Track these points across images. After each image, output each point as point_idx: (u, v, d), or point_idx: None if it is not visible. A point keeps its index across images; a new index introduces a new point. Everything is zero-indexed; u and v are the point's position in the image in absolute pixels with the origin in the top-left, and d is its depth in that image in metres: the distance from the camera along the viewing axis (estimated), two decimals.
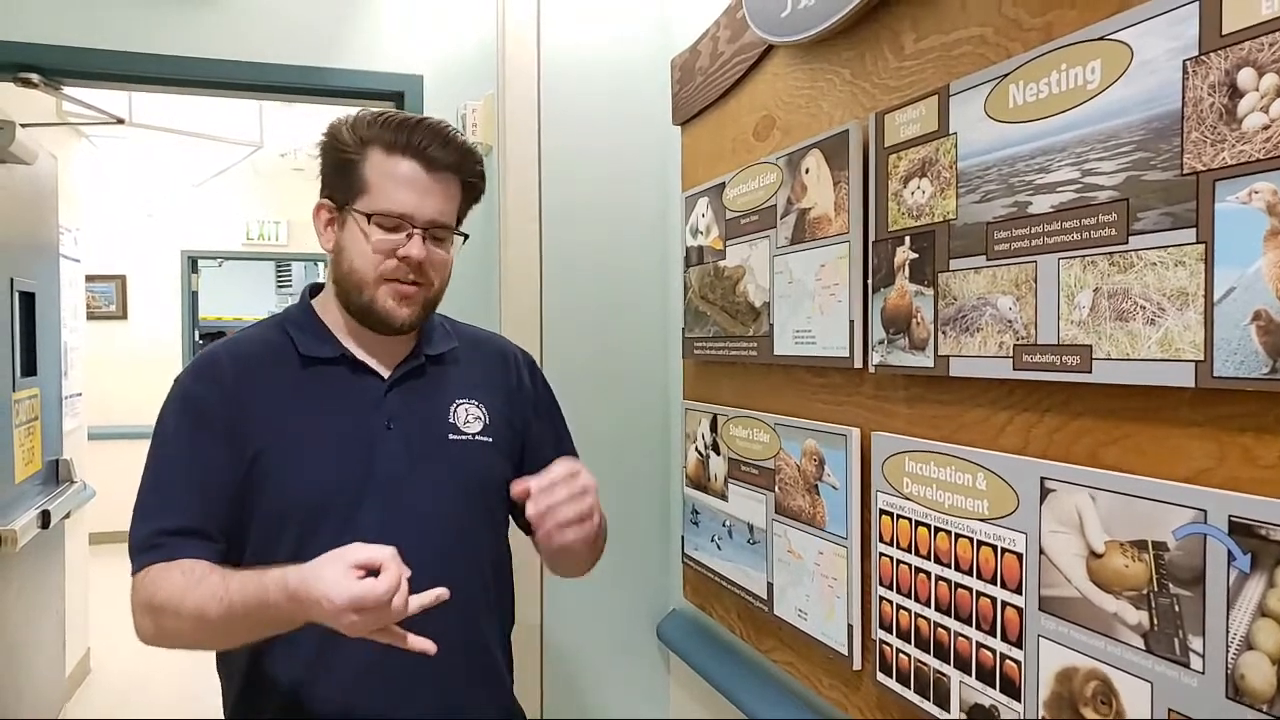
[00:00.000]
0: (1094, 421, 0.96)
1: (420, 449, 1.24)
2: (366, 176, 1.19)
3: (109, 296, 6.59)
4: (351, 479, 1.19)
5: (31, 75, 2.35)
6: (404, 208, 1.18)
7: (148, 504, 1.18)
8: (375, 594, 0.96)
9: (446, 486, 1.26)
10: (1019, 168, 1.01)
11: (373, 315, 1.21)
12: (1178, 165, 0.83)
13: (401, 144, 1.19)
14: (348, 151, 1.21)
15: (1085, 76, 0.93)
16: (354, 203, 1.20)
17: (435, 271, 1.23)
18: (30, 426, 2.81)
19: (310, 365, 1.24)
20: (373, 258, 1.19)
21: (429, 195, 1.20)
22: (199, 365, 1.26)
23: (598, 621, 2.20)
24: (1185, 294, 0.83)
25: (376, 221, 1.19)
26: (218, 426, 1.18)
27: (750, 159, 1.66)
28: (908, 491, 1.22)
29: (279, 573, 1.03)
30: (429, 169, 1.20)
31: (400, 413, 1.24)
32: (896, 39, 1.28)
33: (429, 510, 1.23)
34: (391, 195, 1.19)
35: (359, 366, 1.25)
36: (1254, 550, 0.77)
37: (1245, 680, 0.78)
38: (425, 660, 1.18)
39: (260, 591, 1.04)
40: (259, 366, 1.24)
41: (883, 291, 1.25)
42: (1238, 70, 0.78)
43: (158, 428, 1.21)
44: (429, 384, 1.29)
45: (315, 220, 1.26)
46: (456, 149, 1.22)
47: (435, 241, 1.22)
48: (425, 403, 1.28)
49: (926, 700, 1.19)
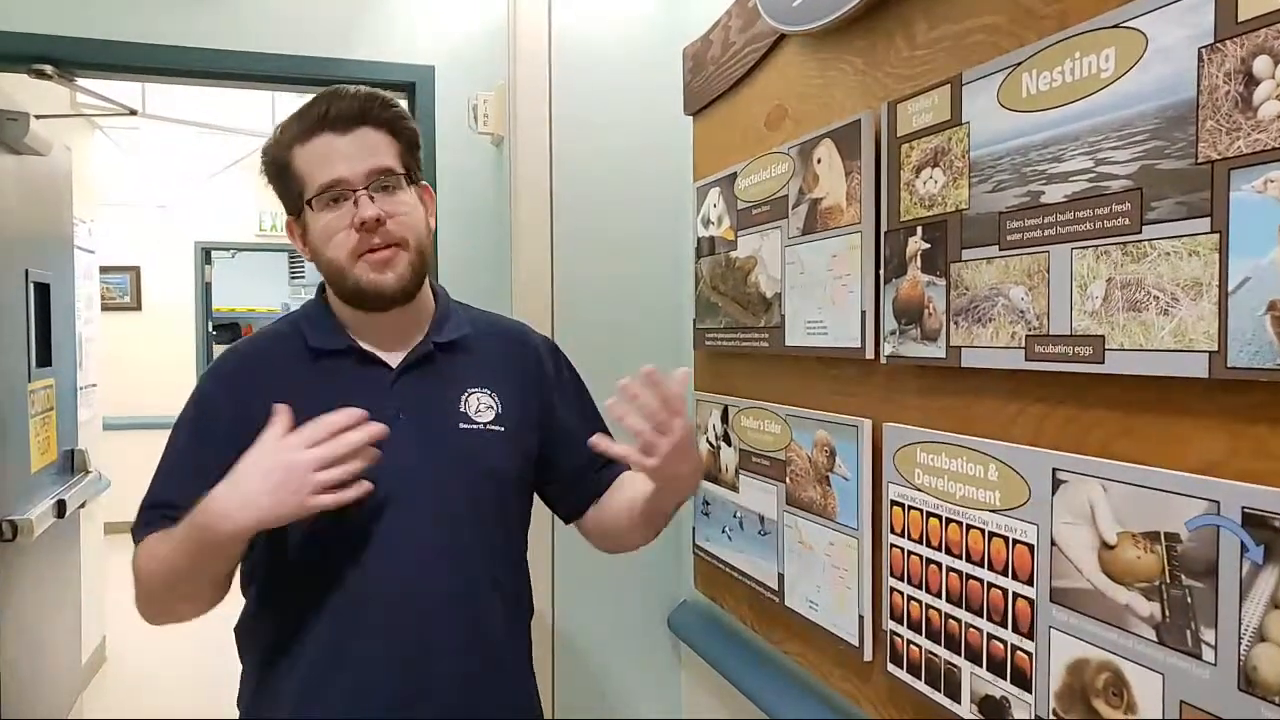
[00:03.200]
0: (1106, 412, 0.95)
1: (429, 438, 1.23)
2: (299, 171, 1.20)
3: (123, 288, 6.63)
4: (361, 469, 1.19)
5: (45, 67, 2.36)
6: (333, 174, 1.17)
7: (148, 495, 1.23)
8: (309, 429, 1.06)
9: (455, 476, 1.24)
10: (1032, 157, 1.01)
11: (362, 295, 1.20)
12: (1192, 154, 0.82)
13: (310, 125, 1.19)
14: (279, 160, 1.22)
15: (1099, 65, 0.92)
16: (301, 202, 1.21)
17: (400, 225, 1.20)
18: (45, 417, 2.83)
19: (319, 358, 1.24)
20: (334, 239, 1.18)
21: (351, 152, 1.18)
22: (216, 364, 1.31)
23: (609, 612, 2.21)
24: (1199, 284, 0.82)
25: (320, 204, 1.18)
26: (221, 423, 1.20)
27: (762, 149, 1.65)
28: (919, 483, 1.22)
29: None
30: (340, 130, 1.18)
31: (409, 402, 1.23)
32: (909, 28, 1.27)
33: (438, 500, 1.22)
34: (319, 171, 1.18)
35: (366, 357, 1.25)
36: (1267, 542, 0.77)
37: (1258, 672, 0.77)
38: (439, 656, 1.19)
39: (190, 515, 1.09)
40: (269, 361, 1.27)
41: (895, 282, 1.25)
42: (1254, 58, 0.77)
43: (175, 423, 1.26)
44: (439, 372, 1.27)
45: (292, 240, 1.28)
46: (354, 98, 1.20)
47: (385, 192, 1.19)
48: (435, 391, 1.26)
49: (937, 691, 1.18)
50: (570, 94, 2.15)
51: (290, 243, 1.32)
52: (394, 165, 1.21)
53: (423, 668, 1.19)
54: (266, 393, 1.19)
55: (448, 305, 1.34)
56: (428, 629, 1.19)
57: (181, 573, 1.13)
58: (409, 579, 1.18)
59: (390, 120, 1.23)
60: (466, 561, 1.23)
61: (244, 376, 1.26)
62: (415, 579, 1.19)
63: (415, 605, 1.18)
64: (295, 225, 1.26)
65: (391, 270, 1.19)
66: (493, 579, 1.27)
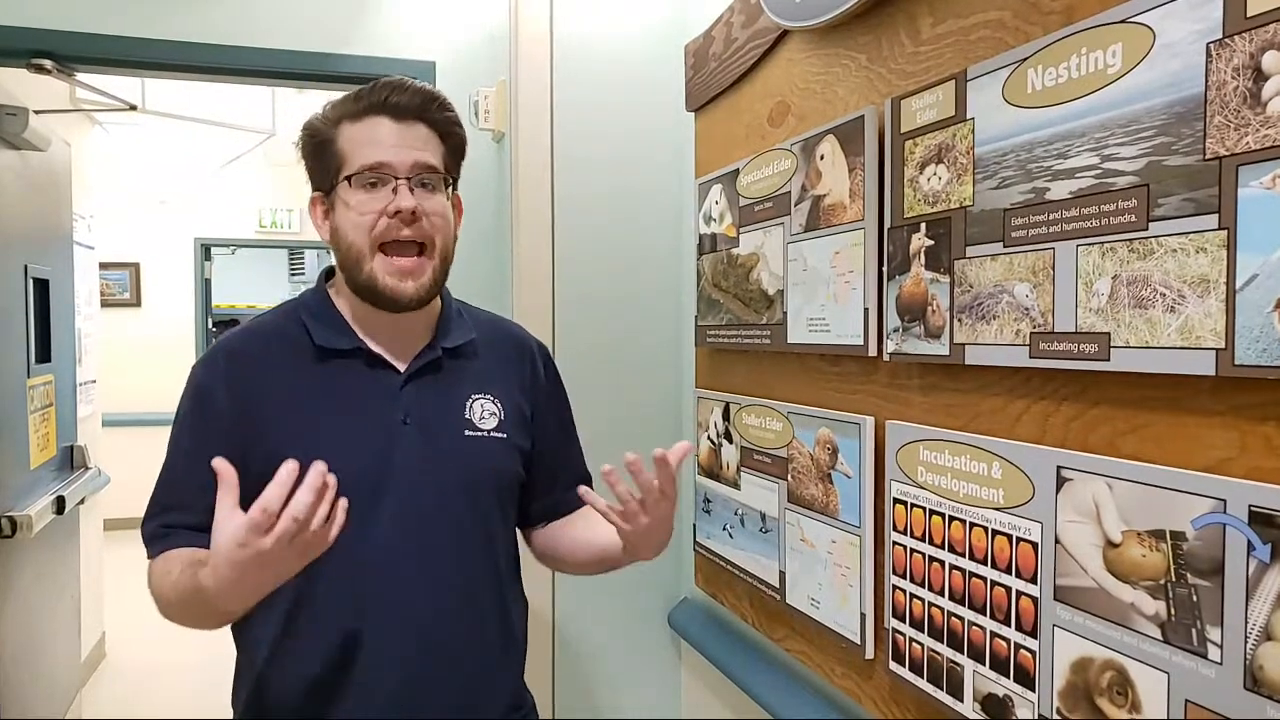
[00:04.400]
0: (1112, 410, 0.95)
1: (436, 445, 1.22)
2: (341, 149, 1.18)
3: (123, 284, 6.63)
4: (370, 475, 1.17)
5: (45, 61, 2.35)
6: (379, 157, 1.16)
7: (157, 496, 1.21)
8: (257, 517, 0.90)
9: (462, 483, 1.24)
10: (1037, 153, 1.00)
11: (376, 294, 1.18)
12: (1200, 150, 0.82)
13: (364, 106, 1.18)
14: (321, 135, 1.20)
15: (1106, 60, 0.92)
16: (338, 178, 1.19)
17: (433, 226, 1.19)
18: (45, 413, 2.82)
19: (326, 358, 1.22)
20: (363, 222, 1.16)
21: (402, 142, 1.17)
22: (212, 356, 1.25)
23: (609, 609, 2.21)
24: (1206, 281, 0.82)
25: (359, 183, 1.16)
26: (224, 421, 1.18)
27: (764, 145, 1.65)
28: (922, 480, 1.21)
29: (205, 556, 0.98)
30: (395, 117, 1.18)
31: (416, 408, 1.22)
32: (913, 23, 1.26)
33: (444, 507, 1.22)
34: (365, 152, 1.17)
35: (375, 360, 1.23)
36: (1274, 540, 0.76)
37: (1264, 671, 0.77)
38: (444, 658, 1.20)
39: (193, 571, 1.02)
40: (273, 358, 1.22)
41: (898, 279, 1.24)
42: (1262, 53, 0.76)
43: (175, 417, 1.23)
44: (445, 378, 1.27)
45: (313, 217, 1.25)
46: (417, 93, 1.20)
47: (424, 189, 1.18)
48: (441, 398, 1.26)
49: (940, 690, 1.18)
50: (572, 90, 2.14)
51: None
52: (439, 165, 1.21)
53: (427, 668, 1.19)
54: (272, 391, 1.19)
55: (452, 307, 1.33)
56: (432, 632, 1.19)
57: (197, 611, 1.09)
58: (414, 583, 1.18)
59: (444, 122, 1.23)
60: (471, 564, 1.23)
61: (248, 373, 1.21)
62: (419, 583, 1.19)
63: (420, 609, 1.18)
64: (321, 202, 1.23)
65: (414, 280, 1.18)
66: (496, 580, 1.27)
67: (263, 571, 0.94)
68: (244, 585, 0.96)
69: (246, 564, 0.93)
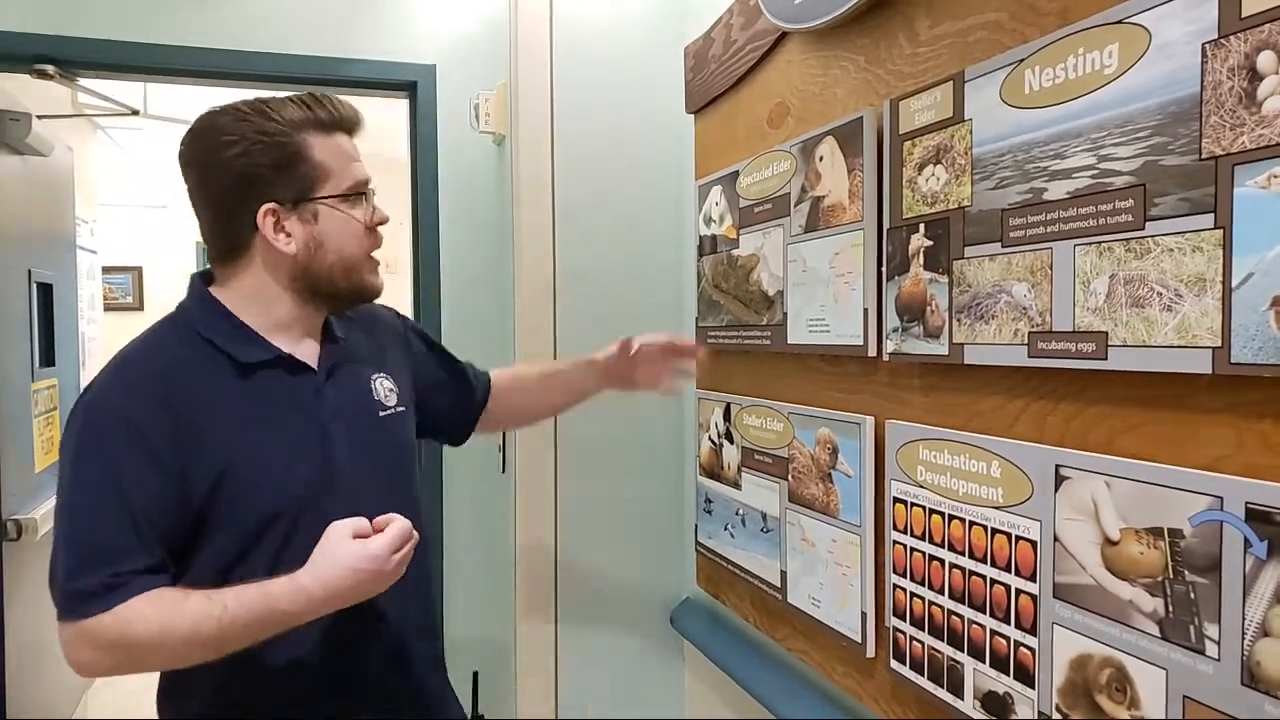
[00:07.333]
0: (1110, 409, 0.95)
1: (364, 434, 1.28)
2: (319, 160, 1.19)
3: (125, 288, 6.63)
4: (316, 477, 1.20)
5: (47, 67, 2.36)
6: (361, 174, 1.24)
7: (87, 547, 1.09)
8: (387, 540, 1.10)
9: (389, 464, 1.32)
10: (1034, 154, 1.01)
11: (360, 295, 1.27)
12: (1196, 150, 0.82)
13: (333, 120, 1.22)
14: (291, 144, 1.17)
15: (1102, 60, 0.92)
16: (317, 191, 1.19)
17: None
18: (49, 417, 2.83)
19: (249, 372, 1.19)
20: (363, 236, 1.24)
21: (359, 158, 1.26)
22: (127, 383, 1.15)
23: (611, 609, 2.21)
24: (1203, 280, 0.82)
25: (349, 202, 1.22)
26: (164, 454, 1.11)
27: (764, 147, 1.65)
28: (922, 479, 1.22)
29: (286, 583, 1.08)
30: (350, 133, 1.25)
31: (338, 401, 1.27)
32: (911, 25, 1.27)
33: (382, 490, 1.27)
34: (352, 168, 1.23)
35: (294, 365, 1.23)
36: (1271, 537, 0.77)
37: (1261, 667, 0.78)
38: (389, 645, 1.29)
39: (266, 602, 1.07)
40: (196, 381, 1.16)
41: (897, 279, 1.25)
42: (1258, 53, 0.77)
43: (85, 458, 1.11)
44: (350, 368, 1.32)
45: (262, 226, 1.17)
46: (353, 109, 1.26)
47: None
48: (353, 386, 1.31)
49: (940, 688, 1.19)
50: (572, 92, 2.15)
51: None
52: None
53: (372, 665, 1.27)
54: (211, 416, 1.15)
55: None
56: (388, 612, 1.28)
57: (235, 641, 1.09)
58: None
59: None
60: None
61: (175, 398, 1.13)
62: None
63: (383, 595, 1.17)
64: (285, 214, 1.18)
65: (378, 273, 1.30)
66: (425, 560, 1.36)
67: (376, 584, 1.11)
68: (355, 594, 1.10)
69: (364, 576, 1.09)
